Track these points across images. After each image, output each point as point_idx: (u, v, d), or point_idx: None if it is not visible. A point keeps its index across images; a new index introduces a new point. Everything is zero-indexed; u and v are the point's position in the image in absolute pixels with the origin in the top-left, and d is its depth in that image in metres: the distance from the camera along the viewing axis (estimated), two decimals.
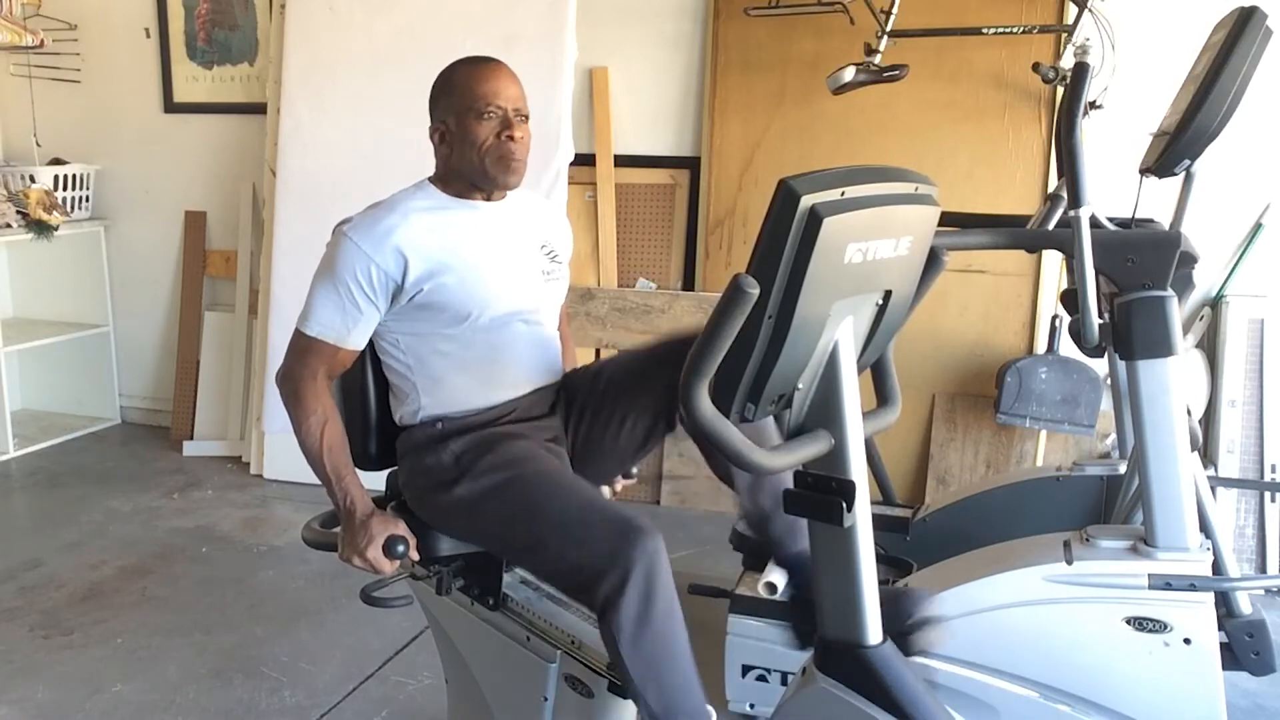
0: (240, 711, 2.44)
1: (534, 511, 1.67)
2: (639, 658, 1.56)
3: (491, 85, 1.78)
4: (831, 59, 3.17)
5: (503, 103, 1.78)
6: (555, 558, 1.64)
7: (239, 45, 4.25)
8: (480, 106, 1.77)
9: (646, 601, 1.54)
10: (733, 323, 1.16)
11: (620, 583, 1.54)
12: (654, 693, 1.57)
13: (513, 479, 1.71)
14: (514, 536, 1.71)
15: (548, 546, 1.64)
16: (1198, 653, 1.61)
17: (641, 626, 1.54)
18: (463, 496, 1.73)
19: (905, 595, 1.70)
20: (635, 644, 1.55)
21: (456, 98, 1.79)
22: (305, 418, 1.75)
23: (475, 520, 1.75)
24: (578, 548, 1.60)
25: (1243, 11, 1.83)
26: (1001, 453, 3.44)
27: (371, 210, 1.80)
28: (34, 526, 3.60)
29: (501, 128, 1.78)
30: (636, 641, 1.55)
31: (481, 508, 1.73)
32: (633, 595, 1.53)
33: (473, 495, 1.73)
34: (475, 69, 1.81)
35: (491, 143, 1.78)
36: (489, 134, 1.77)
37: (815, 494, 1.37)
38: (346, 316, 1.75)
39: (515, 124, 1.79)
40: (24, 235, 4.16)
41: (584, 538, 1.60)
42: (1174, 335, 1.68)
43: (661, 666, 1.57)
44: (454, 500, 1.74)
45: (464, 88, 1.79)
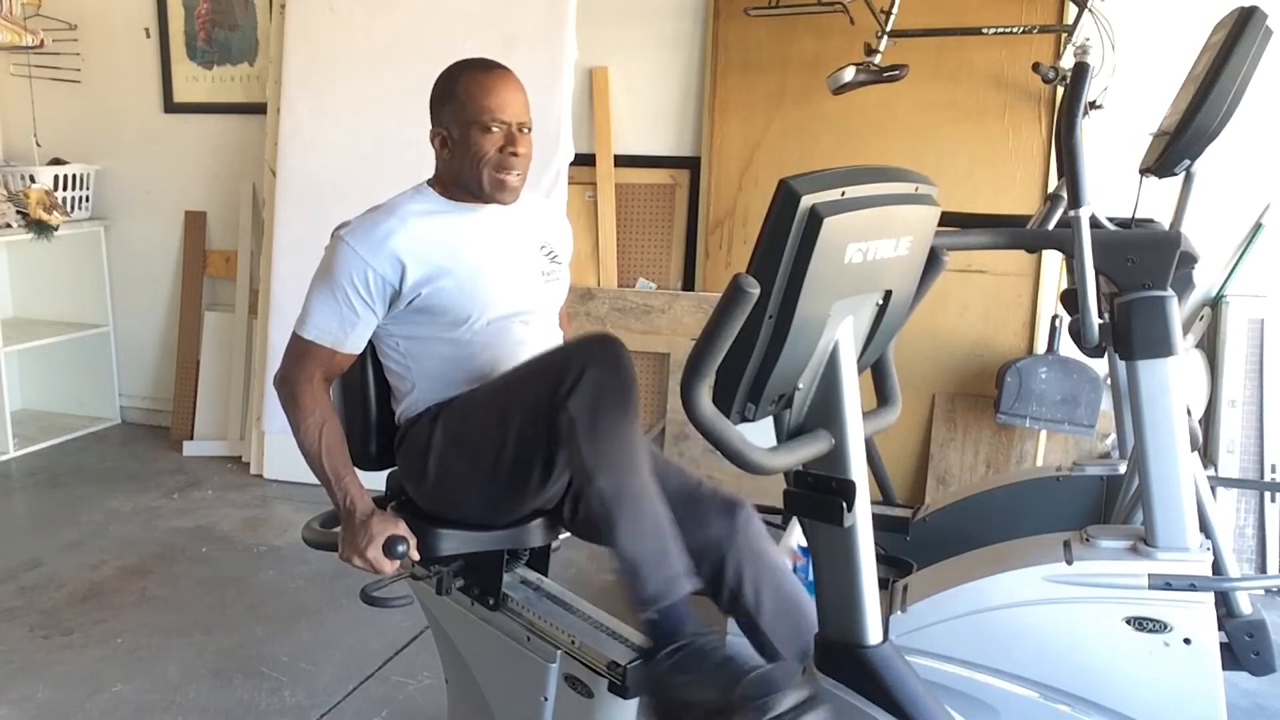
0: (240, 711, 2.44)
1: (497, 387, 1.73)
2: (593, 447, 1.56)
3: (499, 98, 1.77)
4: (831, 59, 3.17)
5: (508, 117, 1.77)
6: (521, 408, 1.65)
7: (239, 45, 4.25)
8: (485, 120, 1.76)
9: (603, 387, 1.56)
10: (733, 323, 1.16)
11: (579, 374, 1.56)
12: (606, 478, 1.56)
13: (476, 390, 1.77)
14: (485, 421, 1.72)
15: (513, 391, 1.68)
16: (1198, 653, 1.62)
17: (595, 416, 1.55)
18: (441, 434, 1.75)
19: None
20: (591, 434, 1.56)
21: (461, 106, 1.78)
22: (303, 420, 1.75)
23: (455, 441, 1.75)
24: (538, 378, 1.64)
25: (1243, 11, 1.83)
26: (1001, 453, 3.44)
27: (369, 214, 1.80)
28: (34, 526, 3.60)
29: (505, 143, 1.77)
30: (591, 431, 1.55)
31: (456, 427, 1.75)
32: (589, 379, 1.55)
33: (448, 424, 1.76)
34: (482, 78, 1.79)
35: (493, 157, 1.77)
36: (492, 148, 1.77)
37: (815, 494, 1.37)
38: (343, 321, 1.75)
39: (519, 139, 1.78)
40: (24, 235, 4.16)
41: (543, 366, 1.66)
42: (1174, 335, 1.68)
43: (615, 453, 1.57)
44: (436, 447, 1.75)
45: (470, 97, 1.77)
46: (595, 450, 1.56)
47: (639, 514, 1.57)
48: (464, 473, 1.75)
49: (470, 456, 1.73)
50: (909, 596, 1.79)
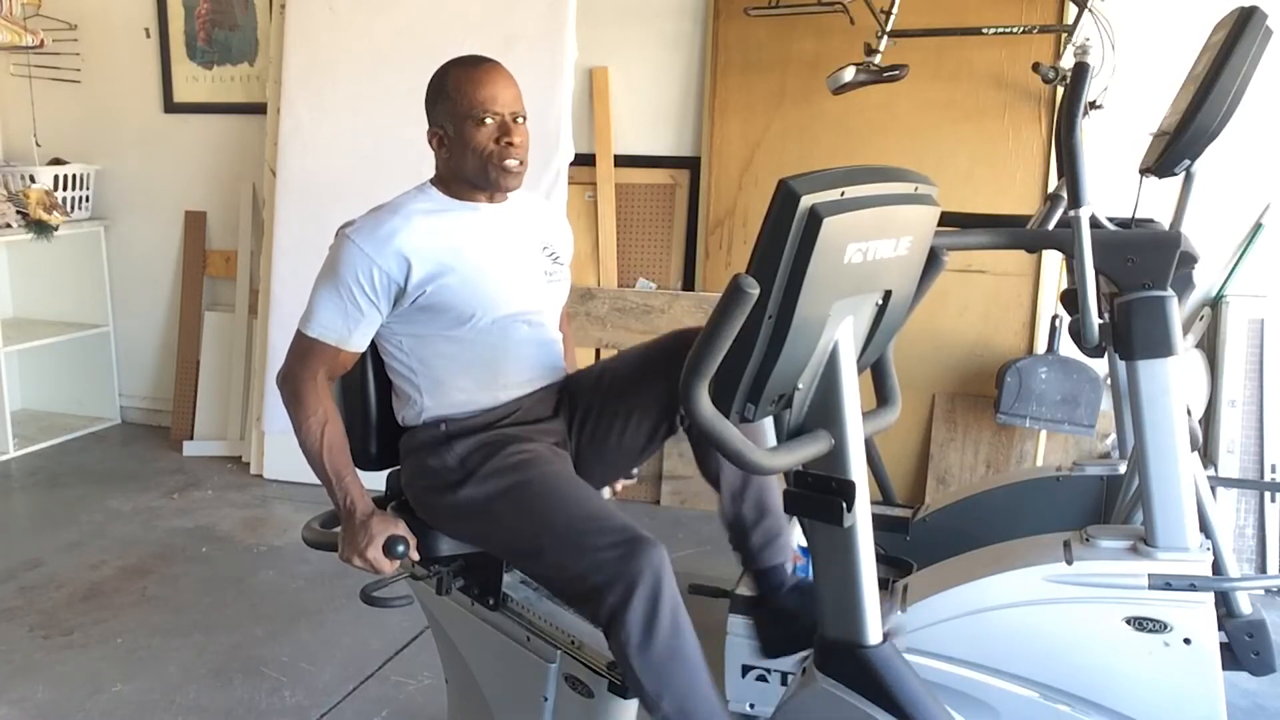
0: (240, 711, 2.44)
1: (537, 518, 1.67)
2: (649, 669, 1.55)
3: (489, 90, 1.77)
4: (831, 59, 3.17)
5: (500, 107, 1.78)
6: (558, 566, 1.64)
7: (239, 45, 4.25)
8: (478, 113, 1.76)
9: (652, 613, 1.53)
10: (733, 323, 1.16)
11: (624, 597, 1.53)
12: (670, 703, 1.56)
13: (517, 484, 1.71)
14: (517, 542, 1.71)
15: (550, 555, 1.64)
16: (1198, 653, 1.61)
17: (648, 638, 1.53)
18: (467, 499, 1.73)
19: None
20: (643, 655, 1.54)
21: (453, 103, 1.78)
22: (305, 418, 1.75)
23: (478, 524, 1.75)
24: (580, 558, 1.59)
25: (1243, 11, 1.83)
26: (1001, 453, 3.44)
27: (374, 213, 1.80)
28: (34, 526, 3.60)
29: (500, 133, 1.77)
30: (644, 653, 1.54)
31: (485, 511, 1.73)
32: (637, 609, 1.52)
33: (477, 498, 1.73)
34: (471, 73, 1.80)
35: (492, 149, 1.78)
36: (488, 140, 1.77)
37: (815, 494, 1.37)
38: (348, 318, 1.75)
39: (514, 128, 1.78)
40: (24, 235, 4.16)
41: (586, 548, 1.59)
42: (1174, 335, 1.68)
43: (673, 676, 1.56)
44: (458, 503, 1.74)
45: (461, 93, 1.78)
46: (653, 678, 1.56)
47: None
48: (481, 533, 1.77)
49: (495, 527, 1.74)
50: (909, 596, 1.79)
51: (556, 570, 1.65)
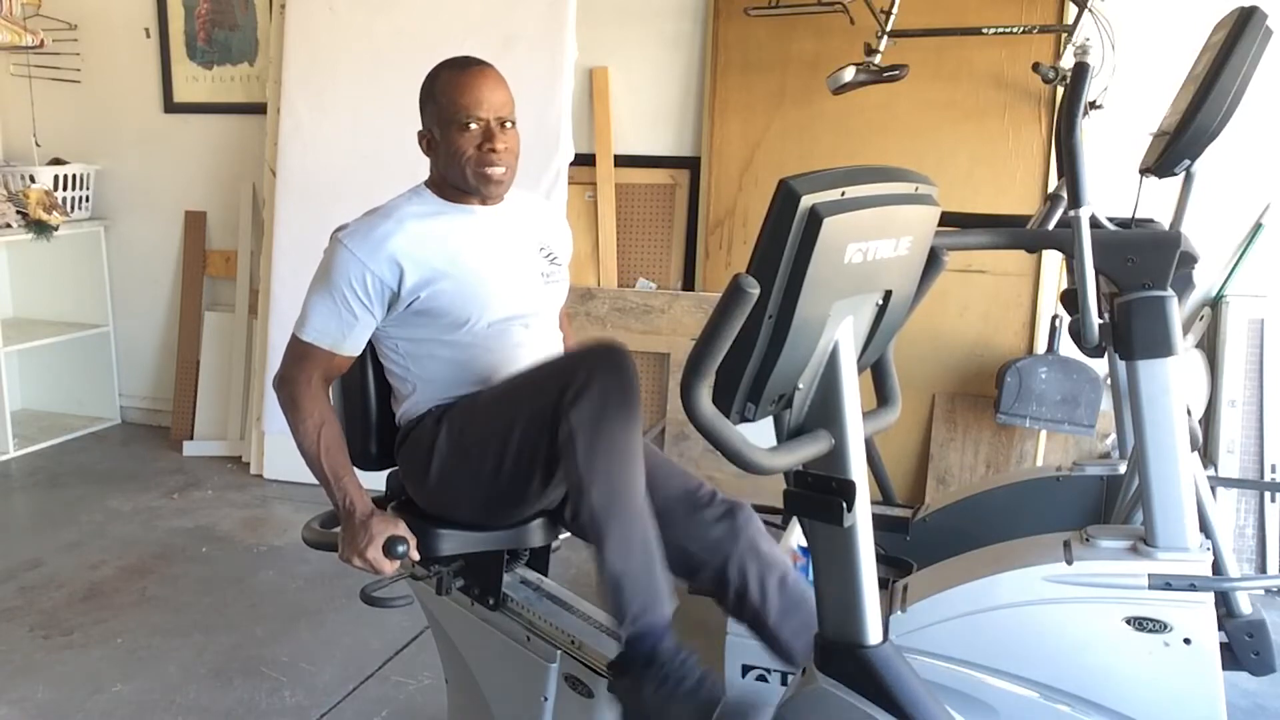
0: (240, 711, 2.44)
1: (501, 400, 1.72)
2: (591, 453, 1.56)
3: (473, 95, 1.77)
4: (831, 59, 3.17)
5: (484, 113, 1.77)
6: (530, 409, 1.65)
7: (239, 45, 4.25)
8: (461, 118, 1.76)
9: (607, 397, 1.56)
10: (733, 323, 1.16)
11: (587, 379, 1.56)
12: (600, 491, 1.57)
13: (479, 394, 1.77)
14: (493, 427, 1.72)
15: (521, 406, 1.67)
16: (1198, 653, 1.61)
17: (599, 422, 1.56)
18: (444, 437, 1.75)
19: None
20: (592, 436, 1.56)
21: (439, 107, 1.78)
22: (302, 421, 1.75)
23: (457, 445, 1.75)
24: (548, 378, 1.64)
25: (1243, 11, 1.83)
26: (1001, 453, 3.44)
27: (368, 217, 1.80)
28: (34, 526, 3.60)
29: (483, 139, 1.77)
30: (593, 434, 1.56)
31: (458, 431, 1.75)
32: (596, 390, 1.55)
33: (450, 427, 1.75)
34: (457, 76, 1.79)
35: (473, 154, 1.77)
36: (470, 146, 1.77)
37: (815, 494, 1.37)
38: (342, 323, 1.75)
39: (498, 135, 1.77)
40: (24, 235, 4.16)
41: (550, 371, 1.66)
42: (1174, 335, 1.67)
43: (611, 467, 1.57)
44: (438, 450, 1.75)
45: (446, 97, 1.78)
46: (591, 463, 1.57)
47: (628, 530, 1.58)
48: (465, 476, 1.75)
49: (472, 461, 1.73)
50: (909, 596, 1.79)
51: (531, 408, 1.65)
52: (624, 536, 1.57)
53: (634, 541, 1.58)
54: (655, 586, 1.58)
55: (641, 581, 1.57)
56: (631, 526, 1.58)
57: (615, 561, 1.57)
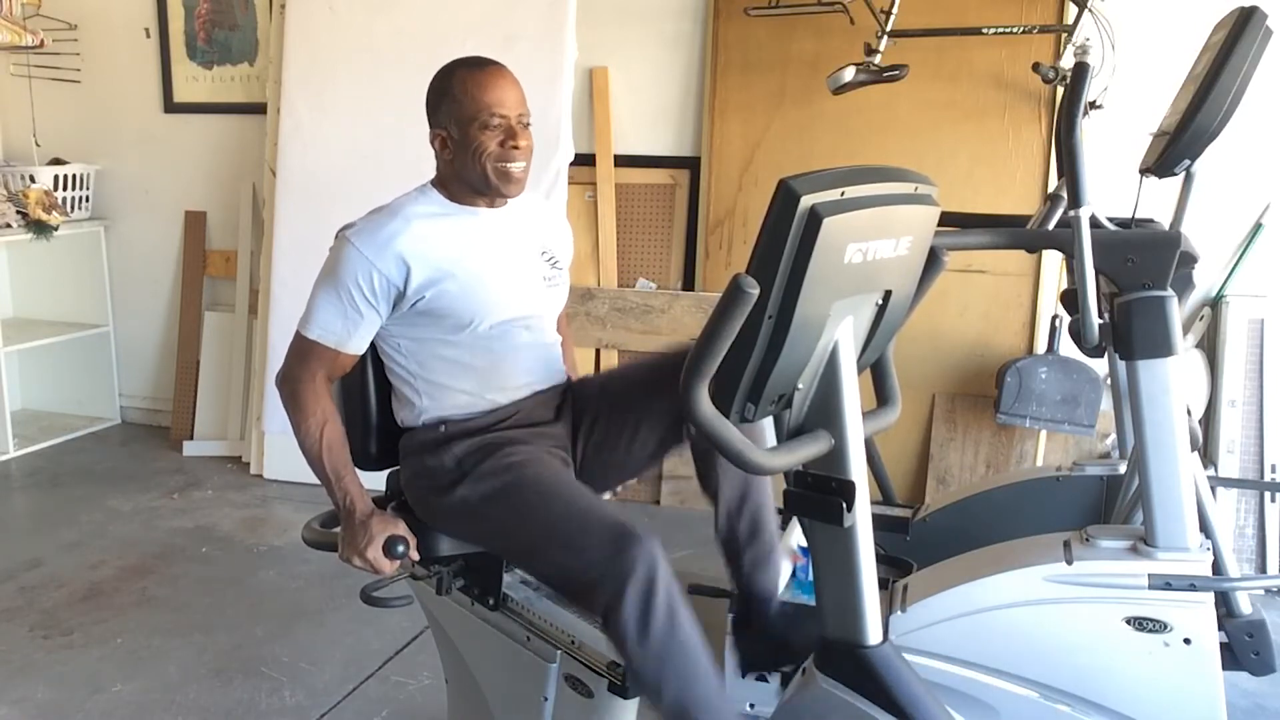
0: (240, 711, 2.44)
1: (531, 516, 1.67)
2: (647, 661, 1.54)
3: (496, 94, 1.76)
4: (831, 59, 3.17)
5: (506, 111, 1.77)
6: (552, 564, 1.65)
7: (239, 45, 4.25)
8: (484, 117, 1.75)
9: (646, 606, 1.52)
10: (733, 323, 1.16)
11: (618, 591, 1.53)
12: (669, 693, 1.56)
13: (512, 482, 1.71)
14: (512, 540, 1.72)
15: (545, 552, 1.65)
16: (1198, 653, 1.61)
17: (644, 631, 1.53)
18: (463, 498, 1.74)
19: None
20: (641, 647, 1.54)
21: (459, 105, 1.77)
22: (304, 419, 1.75)
23: (475, 523, 1.75)
24: (575, 555, 1.59)
25: (1243, 11, 1.83)
26: (1001, 453, 3.44)
27: (374, 215, 1.79)
28: (34, 526, 3.60)
29: (505, 137, 1.77)
30: (642, 645, 1.54)
31: (481, 511, 1.73)
32: (631, 602, 1.52)
33: (473, 498, 1.73)
34: (477, 75, 1.79)
35: (495, 152, 1.77)
36: (493, 143, 1.76)
37: (815, 494, 1.37)
38: (347, 321, 1.75)
39: (519, 133, 1.78)
40: (24, 235, 4.16)
41: (581, 545, 1.59)
42: (1174, 335, 1.68)
43: (672, 667, 1.55)
44: (454, 502, 1.74)
45: (467, 95, 1.77)
46: (651, 670, 1.55)
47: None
48: (478, 533, 1.78)
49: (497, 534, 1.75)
50: (909, 596, 1.79)
51: (551, 568, 1.66)
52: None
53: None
54: None
55: None
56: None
57: None
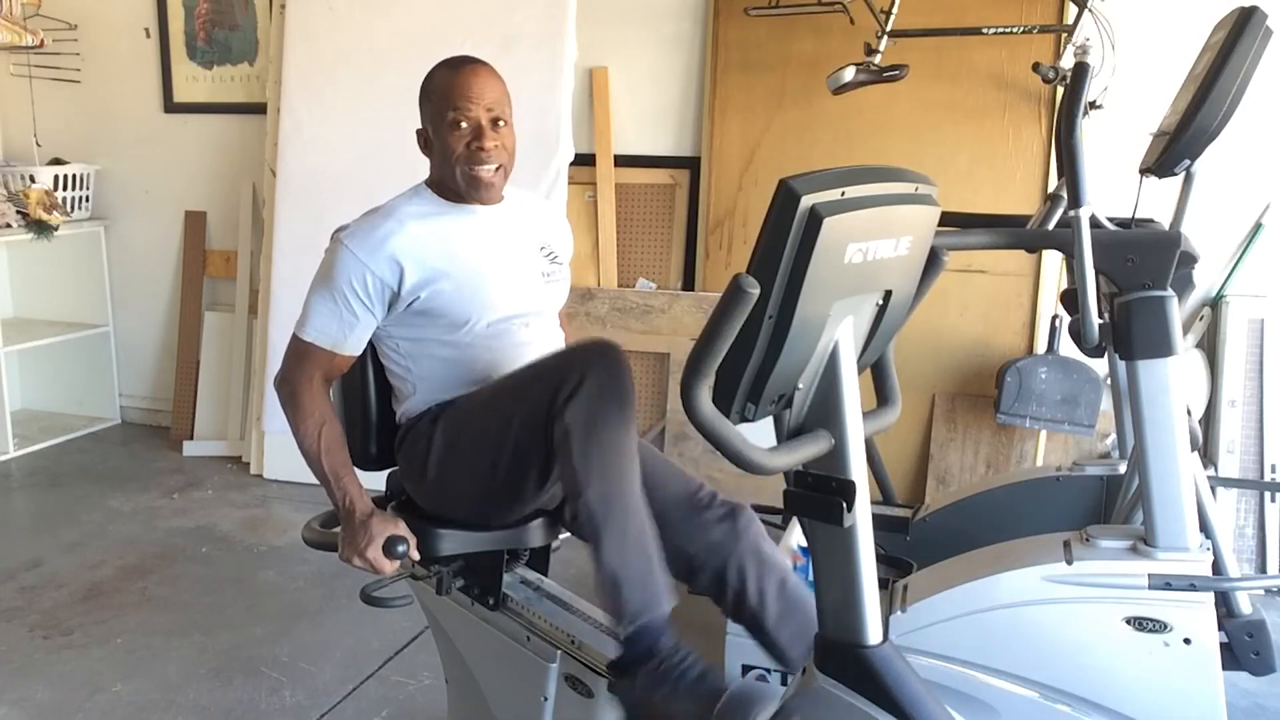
0: (240, 711, 2.44)
1: (497, 398, 1.72)
2: (586, 454, 1.56)
3: (463, 93, 1.76)
4: (831, 59, 3.17)
5: (475, 111, 1.76)
6: (523, 408, 1.65)
7: (239, 45, 4.25)
8: (451, 116, 1.76)
9: (601, 396, 1.55)
10: (733, 323, 1.16)
11: (579, 379, 1.55)
12: (595, 490, 1.56)
13: (476, 392, 1.77)
14: (487, 426, 1.72)
15: (516, 405, 1.66)
16: (1198, 653, 1.61)
17: (593, 423, 1.55)
18: (440, 436, 1.75)
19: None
20: (586, 438, 1.55)
21: (433, 105, 1.79)
22: (303, 421, 1.75)
23: (454, 444, 1.75)
24: (538, 379, 1.63)
25: (1243, 11, 1.83)
26: (1001, 453, 3.44)
27: (368, 217, 1.79)
28: (34, 526, 3.60)
29: (473, 138, 1.76)
30: (588, 436, 1.55)
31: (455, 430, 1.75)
32: (591, 388, 1.54)
33: (448, 427, 1.75)
34: (449, 75, 1.79)
35: (463, 154, 1.77)
36: (460, 144, 1.76)
37: (815, 494, 1.37)
38: (343, 323, 1.75)
39: (488, 134, 1.76)
40: (24, 235, 4.16)
41: (541, 372, 1.65)
42: (1174, 335, 1.68)
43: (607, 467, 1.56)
44: (435, 449, 1.75)
45: (439, 95, 1.78)
46: (587, 462, 1.57)
47: (625, 529, 1.58)
48: (462, 475, 1.75)
49: (469, 460, 1.73)
50: (909, 596, 1.79)
51: (526, 408, 1.65)
52: (620, 535, 1.57)
53: (630, 540, 1.58)
54: (653, 585, 1.58)
55: (639, 580, 1.57)
56: (628, 525, 1.58)
57: (612, 560, 1.57)
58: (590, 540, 1.59)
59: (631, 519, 1.58)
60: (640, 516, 1.60)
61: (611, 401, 1.57)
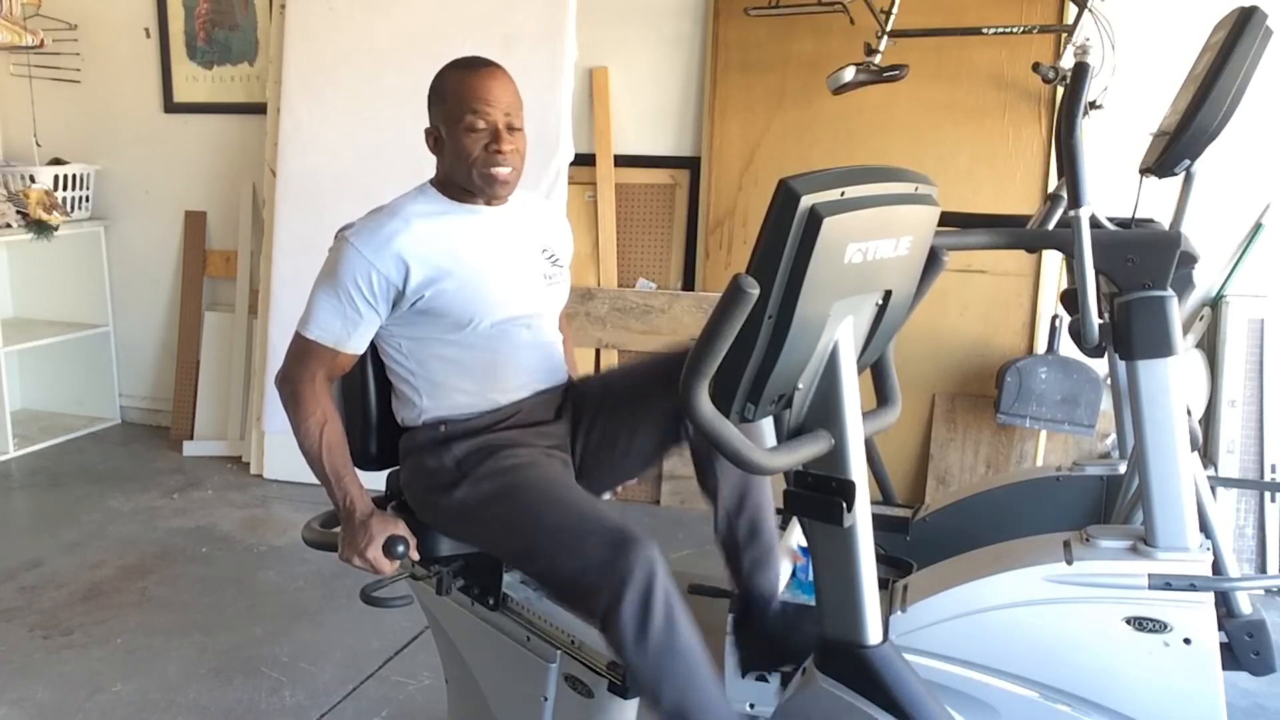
0: (240, 711, 2.44)
1: (530, 519, 1.66)
2: (646, 665, 1.54)
3: (482, 96, 1.76)
4: (831, 59, 3.17)
5: (493, 115, 1.76)
6: (550, 567, 1.64)
7: (239, 45, 4.25)
8: (470, 119, 1.75)
9: (645, 610, 1.52)
10: (733, 323, 1.16)
11: (616, 595, 1.52)
12: (669, 697, 1.55)
13: (511, 484, 1.71)
14: (511, 543, 1.71)
15: (543, 556, 1.64)
16: (1198, 653, 1.61)
17: (642, 635, 1.52)
18: (462, 500, 1.73)
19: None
20: (639, 652, 1.53)
21: (448, 105, 1.78)
22: (304, 419, 1.75)
23: (473, 525, 1.75)
24: (572, 559, 1.59)
25: (1243, 11, 1.83)
26: (1001, 453, 3.44)
27: (373, 215, 1.79)
28: (34, 526, 3.60)
29: (491, 140, 1.76)
30: (640, 649, 1.53)
31: (479, 513, 1.73)
32: (630, 606, 1.51)
33: (472, 499, 1.73)
34: (465, 76, 1.78)
35: (480, 155, 1.76)
36: (477, 147, 1.76)
37: (815, 494, 1.37)
38: (346, 321, 1.75)
39: (504, 137, 1.76)
40: (24, 235, 4.16)
41: (579, 549, 1.58)
42: (1174, 335, 1.67)
43: (670, 671, 1.55)
44: (454, 503, 1.74)
45: (454, 96, 1.77)
46: (650, 672, 1.54)
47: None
48: (476, 535, 1.77)
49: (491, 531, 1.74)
50: (909, 596, 1.79)
51: (550, 572, 1.65)
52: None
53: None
54: None
55: None
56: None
57: None
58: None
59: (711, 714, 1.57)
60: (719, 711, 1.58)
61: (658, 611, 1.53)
